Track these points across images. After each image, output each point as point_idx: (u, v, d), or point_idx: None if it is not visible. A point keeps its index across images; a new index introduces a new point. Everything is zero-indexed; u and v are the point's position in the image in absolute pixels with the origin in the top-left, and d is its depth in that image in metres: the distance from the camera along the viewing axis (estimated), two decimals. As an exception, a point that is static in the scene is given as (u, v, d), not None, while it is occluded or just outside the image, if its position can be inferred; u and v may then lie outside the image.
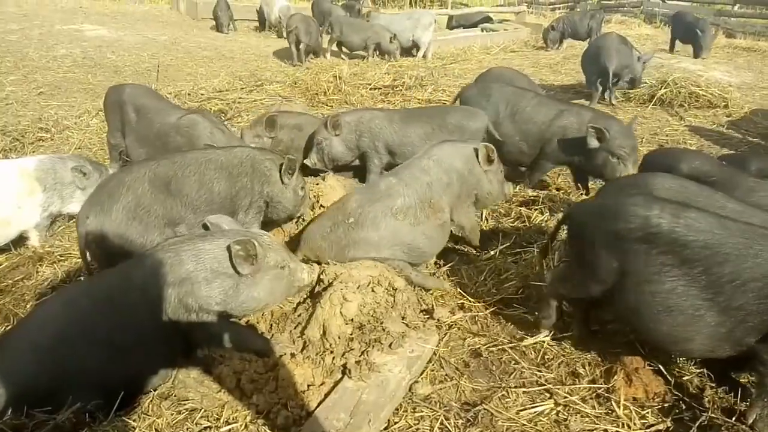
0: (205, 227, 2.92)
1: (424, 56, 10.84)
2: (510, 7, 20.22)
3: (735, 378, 2.56)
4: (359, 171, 4.80)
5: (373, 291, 3.00)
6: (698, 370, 2.65)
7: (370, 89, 7.86)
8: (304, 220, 3.77)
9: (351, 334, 2.79)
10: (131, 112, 4.51)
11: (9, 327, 2.94)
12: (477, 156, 3.49)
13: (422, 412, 2.46)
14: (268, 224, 3.59)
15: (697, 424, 2.25)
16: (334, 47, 10.83)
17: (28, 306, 3.16)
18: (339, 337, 2.76)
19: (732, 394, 2.48)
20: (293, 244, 3.52)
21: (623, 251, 2.39)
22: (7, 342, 2.38)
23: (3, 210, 3.58)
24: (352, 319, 2.83)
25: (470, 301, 3.25)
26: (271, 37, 13.41)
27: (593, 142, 4.04)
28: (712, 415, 2.31)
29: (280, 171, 3.37)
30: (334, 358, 2.69)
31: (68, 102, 7.15)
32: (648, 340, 2.59)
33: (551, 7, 22.16)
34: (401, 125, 4.58)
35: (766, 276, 2.15)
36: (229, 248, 2.48)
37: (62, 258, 3.66)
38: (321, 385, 2.59)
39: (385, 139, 4.56)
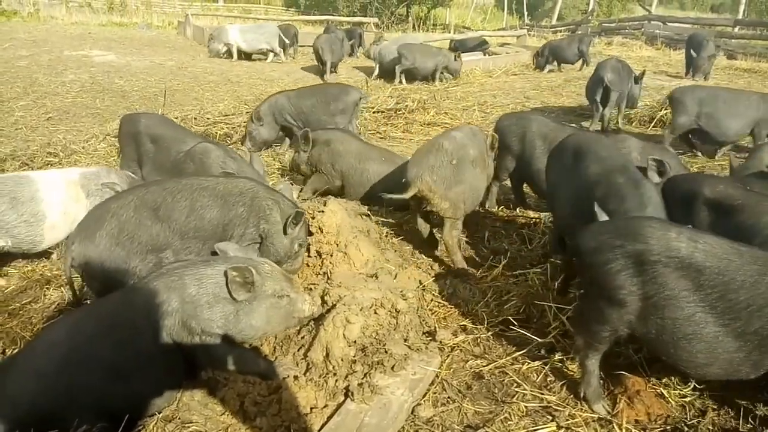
0: (214, 254, 2.96)
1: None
2: (511, 30, 20.52)
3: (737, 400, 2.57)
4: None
5: (375, 313, 3.03)
6: (699, 393, 2.65)
7: (374, 112, 7.96)
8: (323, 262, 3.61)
9: (354, 356, 2.81)
10: (148, 143, 4.58)
11: (16, 350, 2.98)
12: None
13: (424, 435, 2.47)
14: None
15: (697, 447, 2.25)
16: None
17: (35, 329, 3.19)
18: (342, 360, 2.78)
19: (733, 416, 2.48)
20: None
21: (642, 274, 2.34)
22: (12, 366, 2.41)
23: (51, 215, 3.78)
24: (354, 341, 2.85)
25: (472, 323, 3.27)
26: (277, 62, 13.62)
27: (654, 177, 3.64)
28: (714, 437, 2.31)
29: (286, 220, 3.30)
30: (337, 380, 2.71)
31: (76, 127, 7.28)
32: (669, 364, 2.50)
33: (553, 29, 22.48)
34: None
35: None
36: (226, 274, 2.51)
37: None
38: (324, 407, 2.60)
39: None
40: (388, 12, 24.20)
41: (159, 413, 2.52)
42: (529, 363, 2.91)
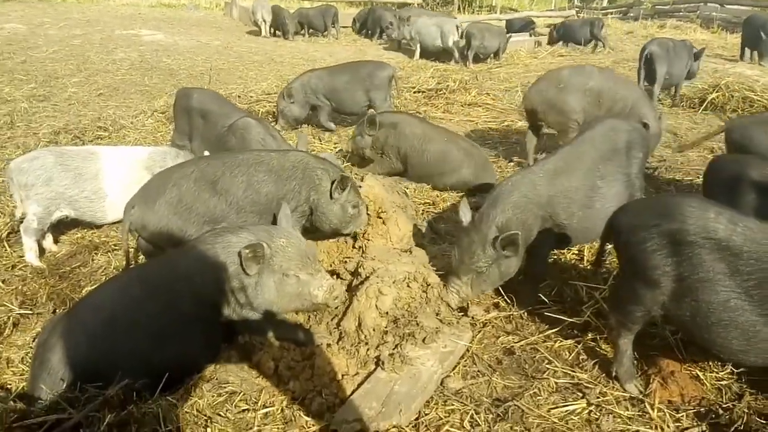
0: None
1: (459, 60, 10.94)
2: (560, 11, 19.95)
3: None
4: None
5: (408, 286, 3.06)
6: (737, 376, 2.59)
7: (414, 92, 7.93)
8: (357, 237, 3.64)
9: (385, 327, 2.86)
10: (198, 117, 4.75)
11: (65, 309, 3.14)
12: None
13: (453, 405, 2.50)
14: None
15: (733, 429, 2.21)
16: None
17: (83, 291, 3.36)
18: (374, 330, 2.83)
19: (773, 401, 2.42)
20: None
21: (677, 254, 2.28)
22: (63, 325, 2.55)
23: (113, 194, 3.91)
24: (387, 313, 2.89)
25: (506, 301, 3.26)
26: (319, 42, 13.69)
27: None
28: (750, 419, 2.26)
29: (331, 185, 3.32)
30: (368, 349, 2.76)
31: (125, 103, 7.52)
32: (703, 348, 2.45)
33: (603, 11, 21.75)
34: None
35: None
36: (239, 253, 2.54)
37: (116, 247, 3.87)
38: (355, 375, 2.66)
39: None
40: (434, -7, 23.83)
41: (198, 373, 2.63)
42: (561, 341, 2.90)
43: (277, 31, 14.07)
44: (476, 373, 2.73)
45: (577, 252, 3.64)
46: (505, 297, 3.28)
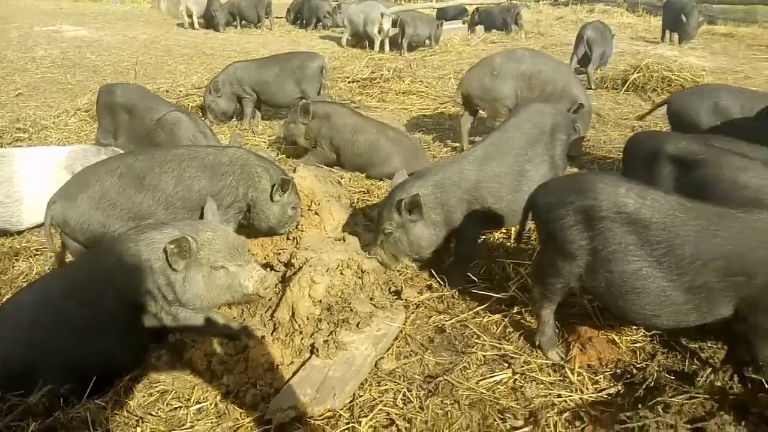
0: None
1: (381, 48, 10.96)
2: (497, -1, 20.30)
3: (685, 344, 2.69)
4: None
5: (341, 274, 3.09)
6: (650, 338, 2.77)
7: (349, 82, 7.94)
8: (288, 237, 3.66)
9: (319, 315, 2.89)
10: (123, 113, 4.61)
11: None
12: None
13: (386, 385, 2.56)
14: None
15: (644, 386, 2.37)
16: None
17: (3, 299, 3.22)
18: (307, 318, 2.85)
19: (680, 359, 2.60)
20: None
21: (591, 229, 2.41)
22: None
23: (30, 197, 3.72)
24: (320, 301, 2.92)
25: (438, 282, 3.35)
26: (252, 33, 13.45)
27: None
28: (660, 376, 2.43)
29: (273, 185, 3.33)
30: (303, 338, 2.78)
31: (47, 102, 7.18)
32: (619, 316, 2.61)
33: (542, -1, 22.30)
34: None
35: (727, 255, 2.22)
36: (165, 249, 2.51)
37: (38, 252, 3.73)
38: (290, 364, 2.68)
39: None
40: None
41: (127, 374, 2.59)
42: (489, 316, 3.01)
43: (198, 21, 13.70)
44: (409, 353, 2.80)
45: (504, 231, 3.77)
46: (438, 279, 3.37)
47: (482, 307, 3.08)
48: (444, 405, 2.42)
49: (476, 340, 2.84)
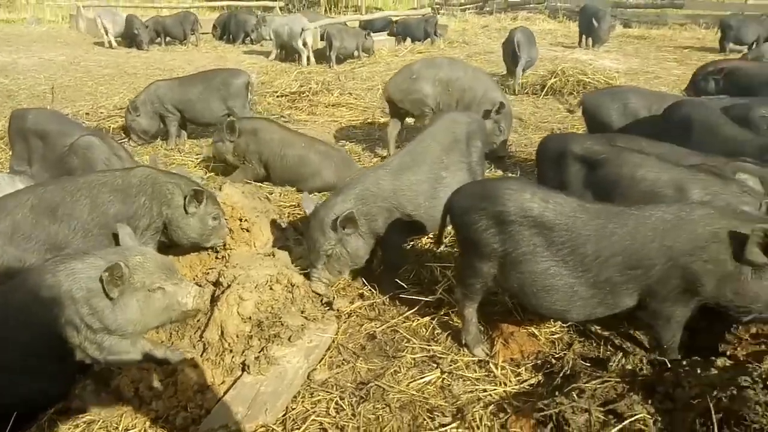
0: (116, 236, 2.95)
1: (308, 61, 11.00)
2: (422, 9, 20.77)
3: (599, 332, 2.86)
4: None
5: (271, 289, 3.10)
6: (567, 328, 2.93)
7: (277, 96, 7.93)
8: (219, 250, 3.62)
9: (250, 332, 2.89)
10: (36, 139, 4.42)
11: None
12: None
13: (319, 396, 2.60)
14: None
15: (561, 374, 2.51)
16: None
17: None
18: (237, 336, 2.85)
19: (595, 346, 2.77)
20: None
21: (502, 232, 2.55)
22: None
23: None
24: (250, 317, 2.92)
25: (370, 290, 3.42)
26: (176, 50, 13.19)
27: None
28: (575, 363, 2.58)
29: (184, 199, 3.29)
30: (233, 356, 2.78)
31: (-45, 131, 6.78)
32: (534, 312, 2.77)
33: (462, 7, 22.98)
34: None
35: (625, 250, 2.40)
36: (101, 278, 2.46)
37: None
38: (221, 383, 2.67)
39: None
40: (299, -6, 23.71)
41: (51, 408, 2.51)
42: (419, 320, 3.10)
43: (116, 40, 13.32)
44: (341, 362, 2.85)
45: (432, 236, 3.88)
46: (369, 287, 3.43)
47: (412, 311, 3.17)
48: (376, 410, 2.48)
49: (406, 344, 2.92)
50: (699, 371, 2.29)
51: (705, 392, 2.08)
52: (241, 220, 3.74)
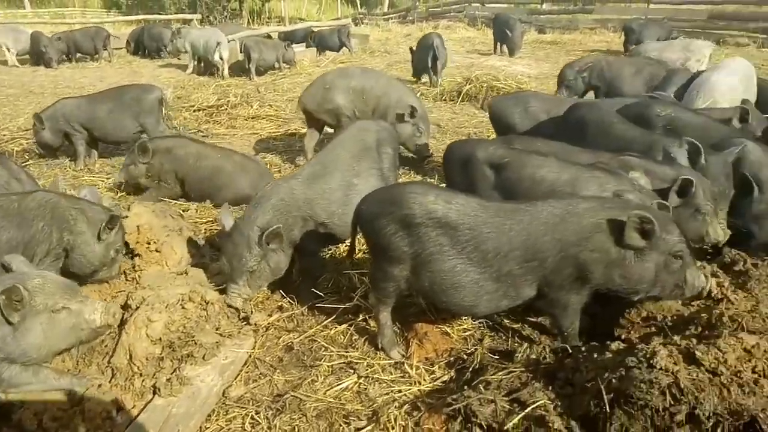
0: (4, 267, 2.78)
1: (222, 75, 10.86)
2: (345, 19, 20.92)
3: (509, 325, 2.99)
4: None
5: (183, 308, 3.04)
6: (479, 324, 3.03)
7: (194, 111, 7.76)
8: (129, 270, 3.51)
9: (161, 354, 2.81)
10: None
11: None
12: None
13: (234, 412, 2.57)
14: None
15: (471, 369, 2.60)
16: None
17: None
18: (147, 359, 2.77)
19: (504, 339, 2.89)
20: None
21: (410, 235, 2.62)
22: None
23: None
24: (159, 339, 2.84)
25: (289, 302, 3.41)
26: (88, 67, 12.65)
27: None
28: (484, 356, 2.68)
29: (101, 226, 3.17)
30: (143, 380, 2.69)
31: None
32: (445, 310, 2.88)
33: (384, 17, 23.34)
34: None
35: (522, 245, 2.54)
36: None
37: None
38: (132, 408, 2.59)
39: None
40: (219, 7, 23.31)
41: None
42: (336, 327, 3.12)
43: (17, 59, 12.67)
44: (258, 376, 2.82)
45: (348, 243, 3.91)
46: (288, 298, 3.42)
47: (330, 319, 3.18)
48: (292, 420, 2.48)
49: (324, 353, 2.93)
50: (596, 356, 2.43)
51: (598, 375, 2.21)
52: (149, 242, 3.62)
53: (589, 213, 2.50)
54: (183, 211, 4.53)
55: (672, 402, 1.97)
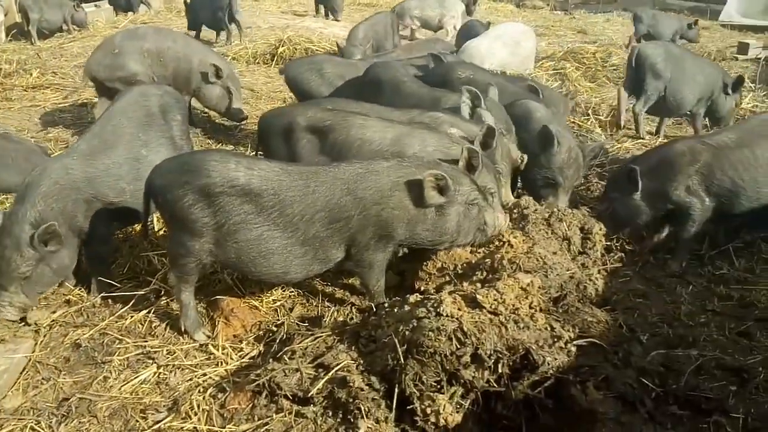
0: None
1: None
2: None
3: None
4: None
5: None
6: (289, 293, 3.00)
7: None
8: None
9: None
10: None
11: None
12: None
13: (10, 426, 2.24)
14: None
15: (278, 340, 2.56)
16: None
17: None
18: None
19: (316, 305, 2.90)
20: None
21: (211, 205, 2.47)
22: None
23: None
24: None
25: (78, 294, 3.05)
26: None
27: None
28: (291, 327, 2.65)
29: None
30: None
31: None
32: (254, 279, 2.78)
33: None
34: None
35: (326, 206, 2.52)
36: None
37: None
38: None
39: None
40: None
41: None
42: (133, 316, 2.86)
43: None
44: (40, 382, 2.51)
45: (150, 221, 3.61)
46: (77, 291, 3.06)
47: (126, 308, 2.91)
48: (81, 425, 2.25)
49: (118, 345, 2.68)
50: (396, 310, 2.53)
51: (395, 329, 2.29)
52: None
53: (389, 172, 2.58)
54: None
55: (458, 346, 2.11)
